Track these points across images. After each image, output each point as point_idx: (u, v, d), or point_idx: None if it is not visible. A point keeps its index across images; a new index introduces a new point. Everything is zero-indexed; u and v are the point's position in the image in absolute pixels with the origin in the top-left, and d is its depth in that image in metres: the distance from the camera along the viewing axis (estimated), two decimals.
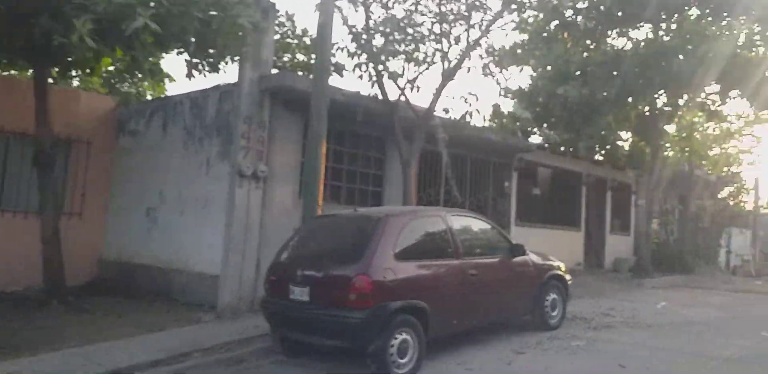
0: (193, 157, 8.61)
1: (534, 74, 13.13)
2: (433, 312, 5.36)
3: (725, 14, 12.40)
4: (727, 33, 11.43)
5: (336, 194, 9.19)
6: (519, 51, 13.13)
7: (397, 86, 8.76)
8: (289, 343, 5.75)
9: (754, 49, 11.92)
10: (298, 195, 8.12)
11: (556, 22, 13.43)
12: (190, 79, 7.37)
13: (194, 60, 7.39)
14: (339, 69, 9.47)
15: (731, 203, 26.21)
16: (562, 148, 13.75)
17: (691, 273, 16.33)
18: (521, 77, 24.97)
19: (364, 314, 4.89)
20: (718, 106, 13.84)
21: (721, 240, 20.98)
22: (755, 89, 12.53)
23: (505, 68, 10.30)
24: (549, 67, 12.16)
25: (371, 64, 8.48)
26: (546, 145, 12.75)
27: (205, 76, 7.77)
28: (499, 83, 9.55)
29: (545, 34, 13.03)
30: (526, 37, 13.49)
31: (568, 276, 7.64)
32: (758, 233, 28.26)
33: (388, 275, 5.16)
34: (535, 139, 14.14)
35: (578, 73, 11.79)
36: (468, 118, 9.09)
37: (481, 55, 9.14)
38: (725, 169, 20.63)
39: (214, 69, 7.71)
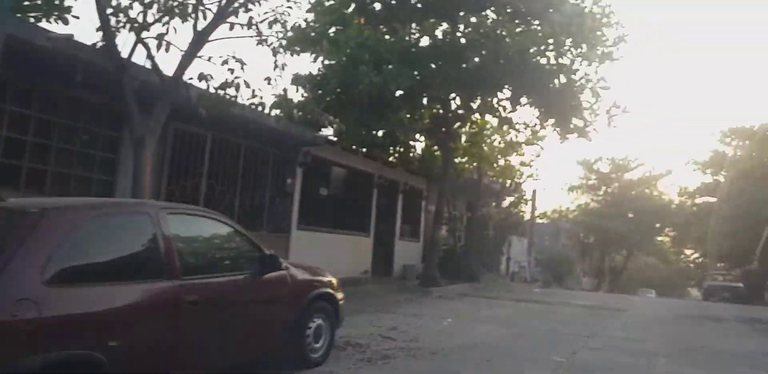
0: None
1: (326, 61, 11.60)
2: (117, 367, 3.29)
3: (518, 21, 12.22)
4: (518, 38, 11.08)
5: (36, 181, 6.57)
6: (312, 34, 11.47)
7: (138, 38, 6.50)
8: None
9: (545, 55, 11.76)
10: None
11: (353, 5, 12.14)
12: None
13: None
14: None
15: (513, 212, 27.57)
16: (354, 146, 12.43)
17: (477, 281, 16.16)
18: (313, 63, 23.50)
19: None
20: (509, 112, 13.68)
21: (503, 247, 21.59)
22: (543, 97, 12.45)
23: (296, 52, 8.70)
24: (341, 54, 10.70)
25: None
26: (335, 139, 11.26)
27: None
28: (279, 66, 7.73)
29: (341, 17, 11.62)
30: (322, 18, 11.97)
31: (340, 295, 6.02)
32: (534, 241, 30.39)
33: (26, 311, 2.98)
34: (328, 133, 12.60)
35: (372, 60, 10.51)
36: (235, 92, 7.17)
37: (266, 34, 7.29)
38: (509, 179, 21.42)
39: None
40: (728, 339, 8.87)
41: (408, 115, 11.77)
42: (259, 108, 7.76)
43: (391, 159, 14.44)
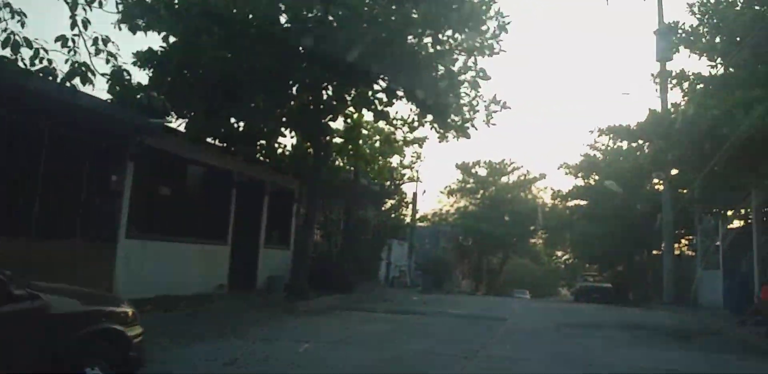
0: None
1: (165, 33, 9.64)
2: None
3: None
4: (394, 17, 9.88)
5: None
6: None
7: None
8: None
9: (422, 40, 10.66)
10: None
11: None
12: None
13: None
14: None
15: (393, 215, 26.64)
16: (208, 139, 10.61)
17: (352, 291, 14.81)
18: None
19: None
20: (385, 105, 12.45)
21: (382, 252, 20.46)
22: (420, 88, 11.34)
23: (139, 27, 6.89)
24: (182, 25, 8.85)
25: None
26: (178, 127, 9.37)
27: None
28: (79, 23, 5.87)
29: None
30: None
31: (135, 331, 4.29)
32: (414, 245, 29.72)
33: None
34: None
35: (222, 34, 8.78)
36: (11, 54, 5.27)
37: None
38: (388, 181, 20.44)
39: None
40: (615, 351, 8.14)
41: (268, 102, 10.04)
42: (52, 78, 5.85)
43: (257, 155, 12.74)
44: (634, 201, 22.86)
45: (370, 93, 12.42)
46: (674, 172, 18.67)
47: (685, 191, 21.21)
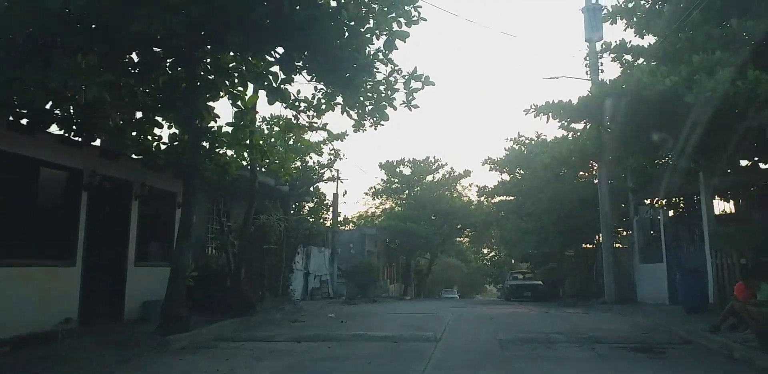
0: None
1: None
2: None
3: None
4: None
5: None
6: None
7: None
8: None
9: None
10: None
11: None
12: None
13: None
14: None
15: (312, 220, 24.16)
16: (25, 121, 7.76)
17: (253, 313, 12.24)
18: None
19: None
20: (283, 82, 9.98)
21: (294, 262, 17.92)
22: (324, 58, 8.99)
23: None
24: None
25: None
26: None
27: None
28: None
29: None
30: None
31: None
32: (337, 251, 27.29)
33: None
34: None
35: None
36: None
37: None
38: (288, 176, 17.74)
39: None
40: None
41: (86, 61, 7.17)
42: None
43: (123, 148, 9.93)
44: (566, 194, 21.49)
45: (262, 65, 9.97)
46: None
47: (623, 176, 20.02)
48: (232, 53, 9.67)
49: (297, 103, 11.47)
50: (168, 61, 9.18)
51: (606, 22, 13.96)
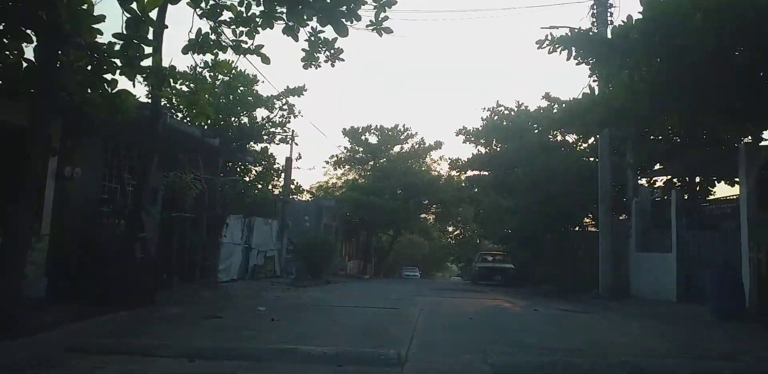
0: None
1: None
2: None
3: None
4: None
5: None
6: None
7: None
8: None
9: None
10: None
11: None
12: None
13: None
14: None
15: (258, 186, 20.76)
16: None
17: (152, 302, 8.92)
18: None
19: None
20: None
21: (223, 235, 14.52)
22: None
23: None
24: None
25: None
26: None
27: None
28: None
29: None
30: None
31: None
32: (288, 223, 23.97)
33: None
34: None
35: None
36: None
37: None
38: (203, 118, 14.36)
39: None
40: None
41: None
42: None
43: None
44: (555, 168, 18.55)
45: None
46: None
47: (615, 153, 17.19)
48: None
49: (219, 10, 7.99)
50: None
51: None
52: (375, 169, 37.16)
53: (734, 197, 12.69)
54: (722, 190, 16.43)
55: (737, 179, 12.16)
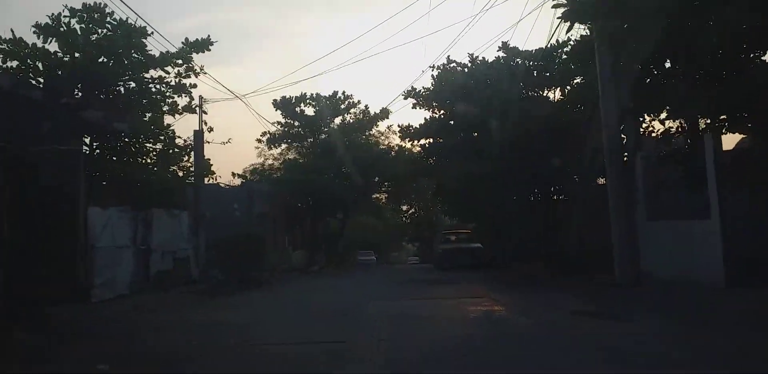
0: None
1: None
2: None
3: None
4: None
5: None
6: None
7: None
8: None
9: None
10: None
11: None
12: None
13: None
14: None
15: (154, 168, 16.07)
16: None
17: None
18: None
19: None
20: None
21: (79, 233, 9.91)
22: None
23: None
24: None
25: None
26: None
27: None
28: None
29: None
30: None
31: None
32: (206, 215, 19.31)
33: None
34: None
35: None
36: None
37: None
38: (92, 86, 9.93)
39: None
40: None
41: None
42: None
43: None
44: (533, 123, 14.60)
45: None
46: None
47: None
48: None
49: None
50: None
51: None
52: (315, 145, 32.61)
53: None
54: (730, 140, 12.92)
55: None
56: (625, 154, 13.34)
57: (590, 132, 12.95)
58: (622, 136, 12.79)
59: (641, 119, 13.50)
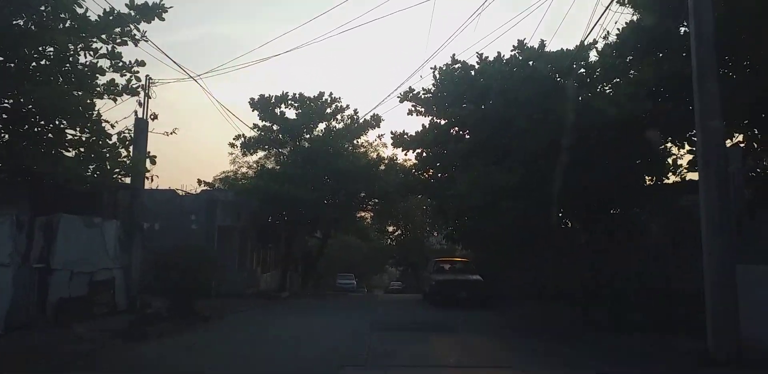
0: None
1: None
2: None
3: None
4: None
5: None
6: None
7: None
8: None
9: None
10: None
11: None
12: None
13: None
14: None
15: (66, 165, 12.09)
16: None
17: None
18: None
19: None
20: None
21: None
22: None
23: None
24: None
25: None
26: None
27: None
28: None
29: None
30: None
31: None
32: (140, 225, 15.31)
33: None
34: None
35: None
36: None
37: None
38: None
39: None
40: None
41: None
42: None
43: None
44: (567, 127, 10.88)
45: None
46: None
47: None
48: None
49: None
50: None
51: None
52: (295, 152, 28.75)
53: None
54: None
55: None
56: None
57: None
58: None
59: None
